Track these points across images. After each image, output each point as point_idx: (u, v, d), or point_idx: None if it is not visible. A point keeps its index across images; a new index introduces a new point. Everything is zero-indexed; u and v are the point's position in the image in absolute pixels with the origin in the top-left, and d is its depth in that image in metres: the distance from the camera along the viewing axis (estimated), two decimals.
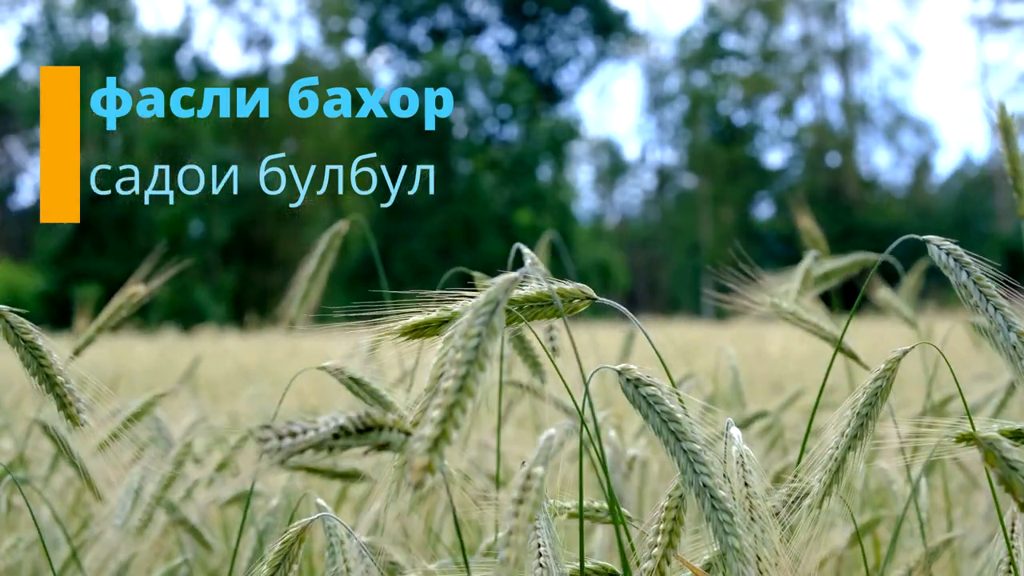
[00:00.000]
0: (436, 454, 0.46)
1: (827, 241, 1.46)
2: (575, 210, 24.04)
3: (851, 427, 0.69)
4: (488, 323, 0.50)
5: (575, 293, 0.65)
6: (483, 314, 0.50)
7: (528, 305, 0.65)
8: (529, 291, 0.65)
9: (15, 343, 0.72)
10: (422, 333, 0.64)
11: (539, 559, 0.62)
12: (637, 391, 0.61)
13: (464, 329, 0.50)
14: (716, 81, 26.42)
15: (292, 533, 0.69)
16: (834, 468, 0.69)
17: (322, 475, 1.09)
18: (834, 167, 25.27)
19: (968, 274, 0.67)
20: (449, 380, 0.48)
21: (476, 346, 0.49)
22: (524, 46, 26.38)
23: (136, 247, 20.20)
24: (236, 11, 24.64)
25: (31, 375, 0.72)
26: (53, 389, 0.72)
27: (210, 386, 3.55)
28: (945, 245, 0.69)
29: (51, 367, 0.72)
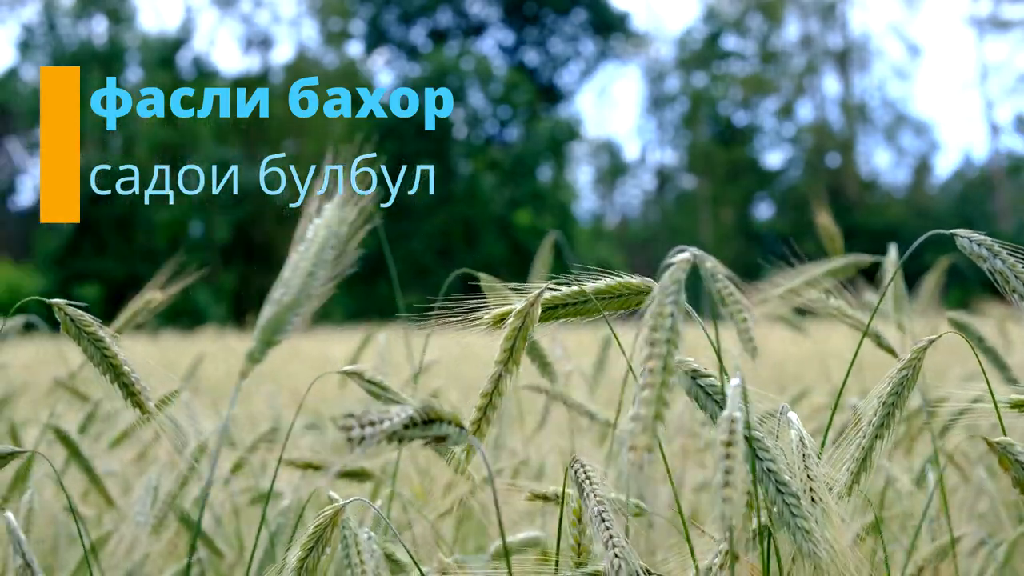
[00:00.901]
0: (652, 434, 0.47)
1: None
2: (575, 211, 24.04)
3: (878, 416, 0.69)
4: (677, 302, 0.51)
5: (642, 287, 0.67)
6: (671, 293, 0.51)
7: (599, 298, 0.66)
8: (598, 284, 0.67)
9: (77, 336, 0.73)
10: (502, 323, 0.66)
11: (613, 550, 0.62)
12: (695, 382, 0.62)
13: (656, 309, 0.50)
14: (716, 82, 26.42)
15: (326, 516, 0.69)
16: (861, 457, 0.69)
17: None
18: (834, 168, 25.27)
19: (1003, 261, 0.68)
20: (652, 360, 0.49)
21: (671, 326, 0.50)
22: (524, 47, 26.38)
23: (136, 247, 20.21)
24: (237, 12, 24.65)
25: (95, 366, 0.73)
26: (119, 379, 0.73)
27: (212, 387, 3.55)
28: (975, 236, 0.69)
29: (116, 357, 0.73)
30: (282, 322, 0.61)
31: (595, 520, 0.64)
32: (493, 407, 0.65)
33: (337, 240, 0.63)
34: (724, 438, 0.51)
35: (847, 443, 0.70)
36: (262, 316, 0.61)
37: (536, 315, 0.65)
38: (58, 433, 1.19)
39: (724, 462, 0.50)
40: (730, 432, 0.51)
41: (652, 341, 0.50)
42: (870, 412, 0.70)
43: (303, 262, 0.62)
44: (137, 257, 19.65)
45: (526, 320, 0.65)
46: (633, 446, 0.47)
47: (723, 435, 0.51)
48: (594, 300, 0.66)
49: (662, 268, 0.53)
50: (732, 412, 0.52)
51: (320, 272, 0.61)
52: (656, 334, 0.50)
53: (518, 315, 0.65)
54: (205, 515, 1.27)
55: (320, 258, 0.62)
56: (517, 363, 0.65)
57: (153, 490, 1.10)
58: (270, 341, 0.61)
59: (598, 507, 0.64)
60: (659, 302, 0.51)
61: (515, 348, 0.65)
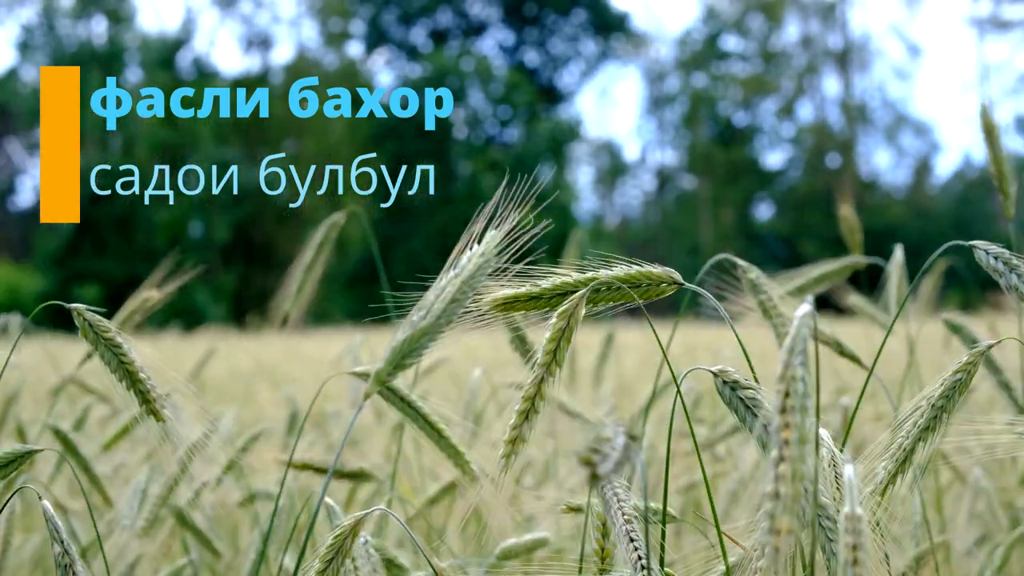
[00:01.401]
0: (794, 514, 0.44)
1: (826, 242, 1.46)
2: (575, 211, 24.04)
3: (925, 418, 0.68)
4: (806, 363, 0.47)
5: (663, 277, 0.65)
6: (800, 352, 0.47)
7: (617, 286, 0.64)
8: (617, 272, 0.64)
9: (95, 341, 0.72)
10: (512, 307, 0.64)
11: (640, 561, 0.61)
12: (735, 393, 0.60)
13: (788, 372, 0.46)
14: (716, 82, 26.42)
15: (346, 526, 0.68)
16: (901, 458, 0.68)
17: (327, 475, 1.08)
18: (834, 168, 25.27)
19: (1019, 276, 0.68)
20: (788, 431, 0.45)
21: (804, 391, 0.46)
22: (524, 47, 26.38)
23: (136, 248, 20.20)
24: (237, 12, 24.65)
25: (111, 372, 0.72)
26: (135, 386, 0.73)
27: (213, 387, 3.55)
28: (993, 249, 0.69)
29: (132, 364, 0.73)
30: (417, 346, 0.59)
31: (623, 539, 0.62)
32: (536, 412, 0.62)
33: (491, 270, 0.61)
34: (850, 541, 0.48)
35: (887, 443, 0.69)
36: (395, 337, 0.59)
37: (580, 315, 0.62)
38: (57, 433, 1.19)
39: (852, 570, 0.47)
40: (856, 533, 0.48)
41: (786, 408, 0.45)
42: (916, 414, 0.69)
43: (450, 287, 0.59)
44: (137, 257, 19.64)
45: (570, 321, 0.62)
46: (776, 529, 0.43)
47: (848, 538, 0.48)
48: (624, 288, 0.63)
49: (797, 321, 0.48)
50: (854, 509, 0.48)
51: (465, 299, 0.59)
52: (790, 400, 0.46)
53: (561, 316, 0.62)
54: (199, 516, 1.27)
55: (469, 286, 0.60)
56: (560, 365, 0.62)
57: (141, 492, 1.10)
58: (401, 364, 0.59)
59: (626, 526, 0.62)
60: (787, 363, 0.46)
61: (559, 350, 0.62)
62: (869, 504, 0.66)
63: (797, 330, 0.47)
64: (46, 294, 17.15)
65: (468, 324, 0.63)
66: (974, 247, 0.70)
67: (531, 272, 0.64)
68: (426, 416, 0.86)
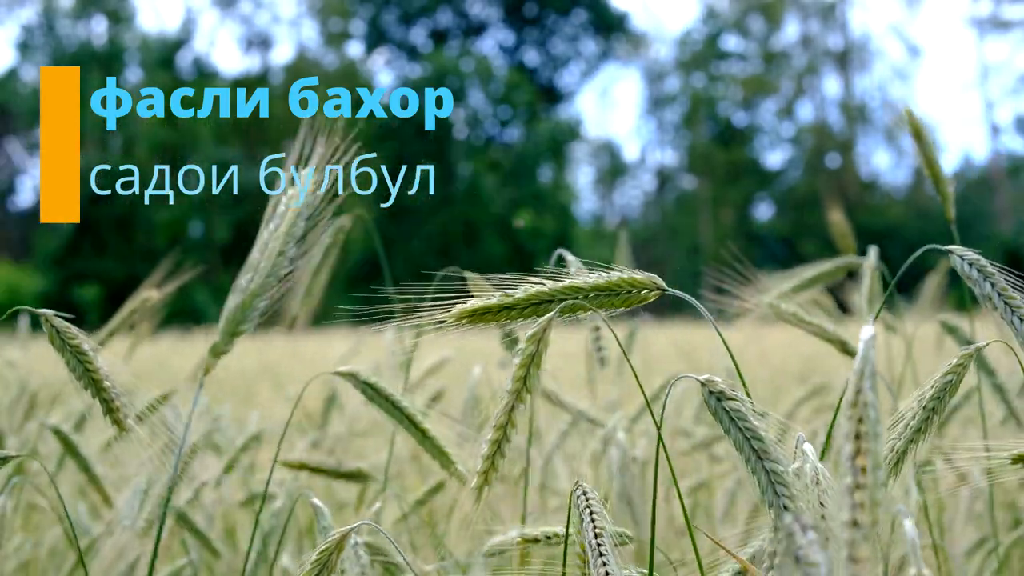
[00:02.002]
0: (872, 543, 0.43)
1: (826, 242, 1.46)
2: (575, 211, 24.04)
3: (916, 420, 0.68)
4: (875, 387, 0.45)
5: (646, 283, 0.63)
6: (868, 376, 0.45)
7: (595, 294, 0.62)
8: (597, 280, 0.63)
9: (61, 348, 0.71)
10: (481, 319, 0.62)
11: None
12: (720, 404, 0.59)
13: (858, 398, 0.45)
14: (716, 82, 26.42)
15: (332, 541, 0.67)
16: (894, 460, 0.68)
17: (327, 475, 1.08)
18: (834, 168, 25.27)
19: (992, 285, 0.67)
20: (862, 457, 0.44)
21: (876, 417, 0.45)
22: (524, 47, 26.38)
23: (136, 248, 20.20)
24: (237, 13, 24.65)
25: (77, 379, 0.71)
26: (99, 394, 0.72)
27: (213, 388, 3.54)
28: (968, 255, 0.69)
29: (97, 372, 0.71)
30: (250, 309, 0.59)
31: (593, 553, 0.62)
32: (508, 440, 0.60)
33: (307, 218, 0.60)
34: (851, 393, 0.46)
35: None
36: (227, 306, 0.59)
37: (548, 340, 0.60)
38: (57, 433, 1.19)
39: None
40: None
41: (859, 434, 0.44)
42: (908, 415, 0.68)
43: (273, 243, 0.59)
44: (137, 257, 19.64)
45: (539, 346, 0.60)
46: (856, 559, 0.43)
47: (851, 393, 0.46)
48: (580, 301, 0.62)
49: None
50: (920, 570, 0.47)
51: (289, 251, 0.59)
52: (863, 426, 0.44)
53: (531, 340, 0.60)
54: (198, 516, 1.27)
55: (292, 236, 0.59)
56: (531, 391, 0.60)
57: (142, 493, 1.09)
58: (236, 331, 0.59)
59: (596, 540, 0.62)
60: (859, 388, 0.45)
61: (529, 376, 0.60)
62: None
63: (865, 353, 0.46)
64: (46, 294, 17.16)
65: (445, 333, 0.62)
66: (951, 252, 0.69)
67: (503, 281, 0.62)
68: (411, 416, 0.85)
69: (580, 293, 0.62)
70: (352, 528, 0.68)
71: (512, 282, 0.62)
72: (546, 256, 1.47)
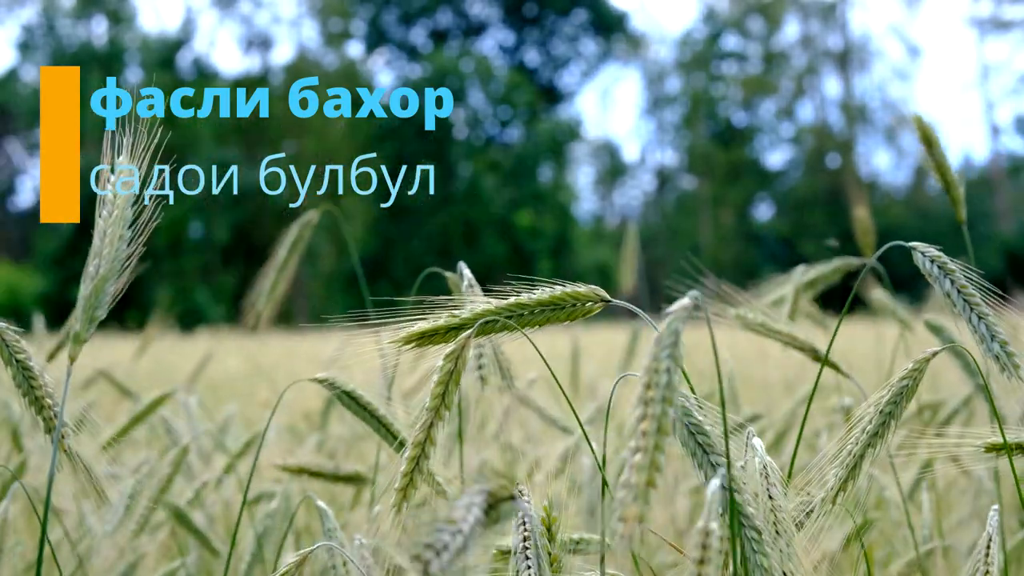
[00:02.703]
0: (644, 502, 0.44)
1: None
2: (575, 211, 24.04)
3: (873, 424, 0.68)
4: (673, 355, 0.47)
5: (588, 296, 0.63)
6: (667, 345, 0.47)
7: (540, 309, 0.63)
8: (541, 295, 0.63)
9: (8, 361, 0.70)
10: (430, 340, 0.62)
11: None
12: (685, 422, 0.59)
13: (651, 364, 0.46)
14: (716, 82, 26.42)
15: (291, 564, 0.67)
16: (851, 464, 0.68)
17: (324, 479, 1.08)
18: (834, 168, 25.27)
19: (952, 282, 0.68)
20: (646, 421, 0.45)
21: (667, 383, 0.46)
22: (524, 47, 26.37)
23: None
24: (237, 13, 24.65)
25: (22, 396, 0.70)
26: (41, 412, 0.70)
27: (212, 388, 3.55)
28: (930, 252, 0.69)
29: (40, 388, 0.70)
30: (102, 294, 0.60)
31: (519, 558, 0.61)
32: (426, 457, 0.60)
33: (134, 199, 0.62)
34: (696, 555, 0.48)
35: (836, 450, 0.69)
36: (81, 293, 0.61)
37: (467, 358, 0.60)
38: None
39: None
40: (703, 548, 0.48)
41: (647, 400, 0.45)
42: (865, 419, 0.69)
43: (111, 229, 0.60)
44: (137, 258, 19.59)
45: (457, 364, 0.60)
46: (624, 517, 0.43)
47: (694, 551, 0.48)
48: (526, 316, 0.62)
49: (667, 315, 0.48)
50: (708, 523, 0.49)
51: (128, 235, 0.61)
52: (651, 392, 0.46)
53: (448, 358, 0.60)
54: (198, 516, 1.27)
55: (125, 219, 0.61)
56: (449, 408, 0.60)
57: (129, 497, 1.09)
58: (93, 316, 0.61)
59: (523, 544, 0.61)
60: (654, 356, 0.46)
61: (447, 393, 0.60)
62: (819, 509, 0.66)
63: (669, 324, 0.48)
64: (46, 295, 17.15)
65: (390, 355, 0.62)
66: (913, 249, 0.69)
67: (448, 302, 0.62)
68: (388, 425, 0.84)
69: (525, 309, 0.62)
70: (311, 550, 0.68)
71: (456, 303, 0.62)
72: (546, 256, 1.46)
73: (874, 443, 0.68)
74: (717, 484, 0.51)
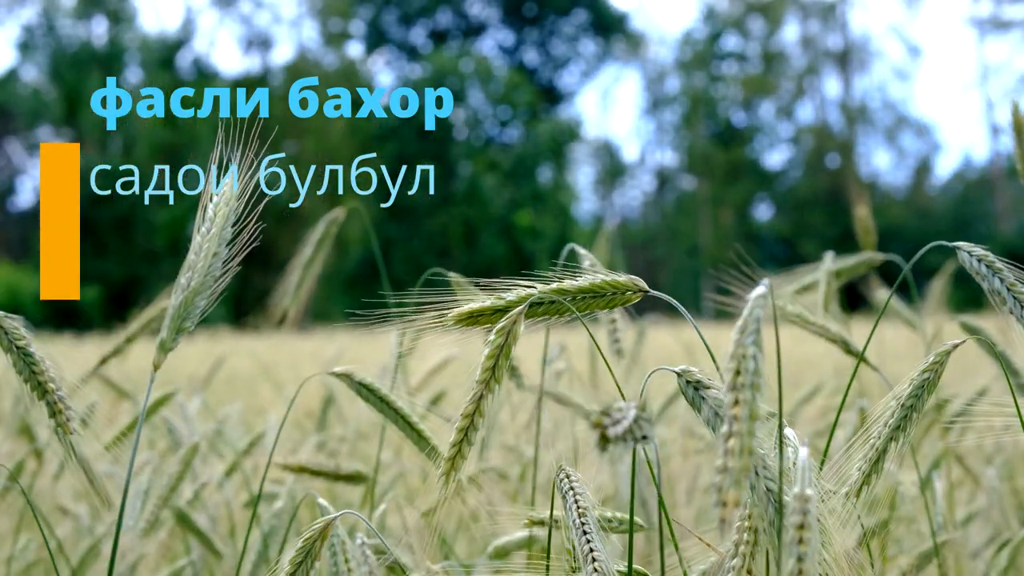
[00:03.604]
0: (741, 487, 0.44)
1: (827, 242, 1.46)
2: (575, 211, 24.05)
3: (895, 418, 0.68)
4: (757, 342, 0.48)
5: (628, 285, 0.65)
6: (752, 332, 0.48)
7: (581, 296, 0.64)
8: (582, 282, 0.64)
9: (8, 349, 0.70)
10: (476, 321, 0.64)
11: (594, 563, 0.61)
12: (697, 393, 0.60)
13: (738, 351, 0.47)
14: (716, 82, 26.43)
15: (316, 530, 0.68)
16: (874, 458, 0.68)
17: (325, 477, 1.08)
18: (834, 168, 25.27)
19: (1001, 280, 0.67)
20: (738, 407, 0.46)
21: (755, 368, 0.47)
22: (524, 47, 26.38)
23: (136, 248, 20.21)
24: (237, 13, 24.66)
25: (24, 382, 0.70)
26: (44, 397, 0.70)
27: (213, 388, 3.54)
28: (976, 251, 0.69)
29: (43, 374, 0.70)
30: (192, 307, 0.61)
31: (578, 533, 0.62)
32: (475, 428, 0.62)
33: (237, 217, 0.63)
34: (796, 520, 0.48)
35: (859, 444, 0.68)
36: (171, 304, 0.61)
37: (519, 332, 0.62)
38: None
39: (796, 548, 0.47)
40: (803, 513, 0.48)
41: (736, 386, 0.47)
42: (887, 414, 0.68)
43: (207, 245, 0.61)
44: (137, 258, 19.65)
45: (508, 338, 0.62)
46: (723, 501, 0.44)
47: (795, 516, 0.48)
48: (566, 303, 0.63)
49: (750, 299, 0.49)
50: (804, 489, 0.49)
51: (223, 252, 0.62)
52: (740, 378, 0.47)
53: (499, 332, 0.62)
54: (201, 517, 1.27)
55: (223, 238, 0.62)
56: (499, 382, 0.62)
57: (143, 493, 1.09)
58: (181, 328, 0.62)
59: (579, 519, 0.63)
60: (739, 342, 0.48)
61: (497, 367, 0.62)
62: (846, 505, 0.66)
63: (750, 311, 0.48)
64: None
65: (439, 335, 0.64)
66: (958, 248, 0.69)
67: (495, 284, 0.64)
68: (406, 417, 0.85)
69: (567, 295, 0.64)
70: (337, 516, 0.69)
71: (505, 286, 0.64)
72: (546, 256, 1.46)
73: (896, 437, 0.68)
74: (806, 452, 0.51)
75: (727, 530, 0.44)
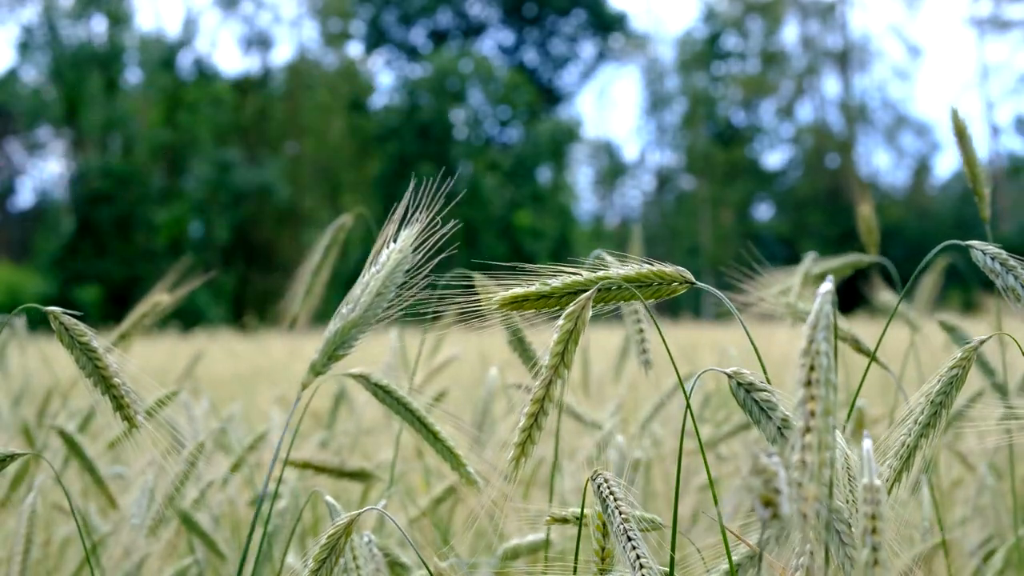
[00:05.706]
0: (820, 482, 0.44)
1: (827, 242, 1.46)
2: (575, 212, 24.05)
3: (925, 415, 0.68)
4: (828, 337, 0.48)
5: (674, 276, 0.64)
6: (823, 328, 0.48)
7: (625, 286, 0.63)
8: (627, 272, 0.64)
9: (70, 345, 0.71)
10: (521, 306, 0.64)
11: (639, 560, 0.62)
12: (749, 395, 0.59)
13: (813, 347, 0.47)
14: (716, 82, 26.42)
15: (340, 525, 0.68)
16: (905, 455, 0.68)
17: (330, 474, 1.08)
18: (834, 168, 25.26)
19: (1016, 277, 0.68)
20: (813, 403, 0.46)
21: (828, 365, 0.47)
22: (524, 47, 26.38)
23: (136, 249, 20.19)
24: (238, 13, 24.65)
25: (87, 376, 0.71)
26: (109, 391, 0.71)
27: (214, 388, 3.54)
28: (990, 249, 0.69)
29: (107, 369, 0.71)
30: (348, 337, 0.63)
31: (621, 538, 0.62)
32: (544, 413, 0.61)
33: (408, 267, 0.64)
34: (868, 510, 0.48)
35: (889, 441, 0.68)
36: (328, 330, 0.63)
37: (587, 317, 0.61)
38: (62, 434, 1.19)
39: (871, 538, 0.48)
40: (875, 503, 0.48)
41: (811, 381, 0.46)
42: (917, 410, 0.68)
43: (374, 282, 0.62)
44: (137, 258, 19.63)
45: (577, 323, 0.61)
46: (804, 496, 0.44)
47: (868, 507, 0.48)
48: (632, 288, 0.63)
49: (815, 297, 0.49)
50: (872, 479, 0.49)
51: (389, 294, 0.63)
52: (815, 374, 0.47)
53: (569, 317, 0.61)
54: (204, 516, 1.27)
55: (390, 281, 0.63)
56: (568, 367, 0.61)
57: (150, 492, 1.09)
58: (334, 355, 0.63)
59: (624, 525, 0.62)
60: (811, 339, 0.47)
61: (567, 352, 0.61)
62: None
63: (820, 306, 0.48)
64: (46, 295, 17.15)
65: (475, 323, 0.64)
66: (971, 247, 0.70)
67: (539, 271, 0.64)
68: (422, 419, 0.85)
69: (612, 284, 0.63)
70: (362, 512, 0.68)
71: (548, 272, 0.64)
72: (546, 256, 1.47)
73: (927, 433, 0.68)
74: (870, 444, 0.51)
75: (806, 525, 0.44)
